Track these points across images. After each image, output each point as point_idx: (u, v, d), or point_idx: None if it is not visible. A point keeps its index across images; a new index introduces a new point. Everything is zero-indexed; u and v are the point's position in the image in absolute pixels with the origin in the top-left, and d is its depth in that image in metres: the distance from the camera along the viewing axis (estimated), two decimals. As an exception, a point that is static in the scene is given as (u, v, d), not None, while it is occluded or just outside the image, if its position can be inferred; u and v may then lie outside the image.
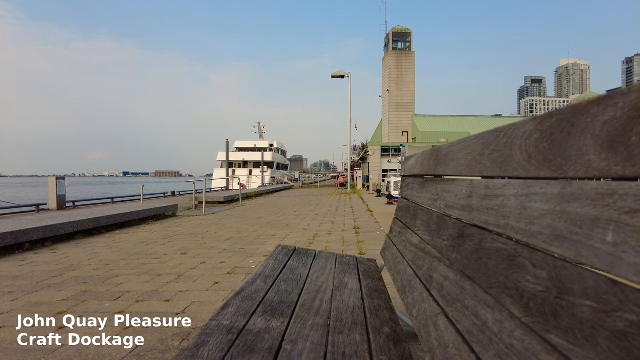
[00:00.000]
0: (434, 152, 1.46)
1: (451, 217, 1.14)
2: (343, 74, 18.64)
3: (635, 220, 0.42)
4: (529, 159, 0.68)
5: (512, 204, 0.73)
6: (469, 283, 0.87)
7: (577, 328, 0.49)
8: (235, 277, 3.48)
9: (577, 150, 0.53)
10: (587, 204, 0.50)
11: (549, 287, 0.57)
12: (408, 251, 1.52)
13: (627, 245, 0.42)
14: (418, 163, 1.75)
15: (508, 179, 0.77)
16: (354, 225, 6.83)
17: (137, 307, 2.66)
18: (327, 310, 1.27)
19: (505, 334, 0.65)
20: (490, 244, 0.81)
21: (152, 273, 3.68)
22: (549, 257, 0.59)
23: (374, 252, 4.32)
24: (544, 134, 0.63)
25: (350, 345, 1.01)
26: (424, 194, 1.52)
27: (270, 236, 5.86)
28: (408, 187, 1.97)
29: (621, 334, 0.42)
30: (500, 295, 0.72)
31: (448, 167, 1.24)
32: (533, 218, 0.64)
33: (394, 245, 1.84)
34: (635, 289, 0.41)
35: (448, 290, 0.98)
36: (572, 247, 0.52)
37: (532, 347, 0.57)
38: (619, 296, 0.43)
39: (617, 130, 0.46)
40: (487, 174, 0.89)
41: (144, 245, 5.25)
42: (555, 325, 0.54)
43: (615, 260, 0.44)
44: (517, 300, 0.65)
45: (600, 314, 0.46)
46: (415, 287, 1.25)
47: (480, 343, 0.72)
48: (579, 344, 0.48)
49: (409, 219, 1.72)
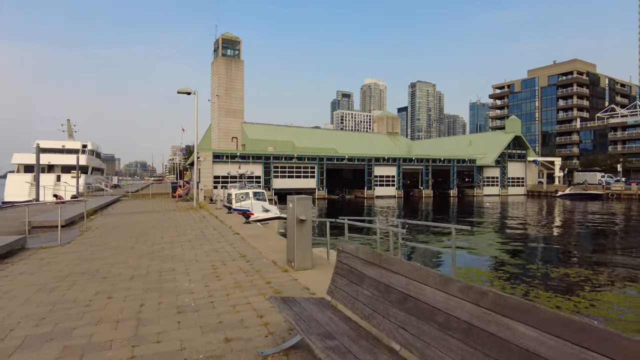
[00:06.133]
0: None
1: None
2: (189, 90, 18.94)
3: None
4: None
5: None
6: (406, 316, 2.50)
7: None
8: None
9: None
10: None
11: (401, 299, 2.22)
12: (362, 296, 3.09)
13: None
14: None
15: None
16: (238, 253, 7.99)
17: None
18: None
19: (413, 331, 2.29)
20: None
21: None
22: (409, 298, 2.24)
23: (279, 281, 5.73)
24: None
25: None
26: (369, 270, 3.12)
27: (171, 270, 6.61)
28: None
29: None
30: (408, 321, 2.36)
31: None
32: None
33: (342, 291, 3.37)
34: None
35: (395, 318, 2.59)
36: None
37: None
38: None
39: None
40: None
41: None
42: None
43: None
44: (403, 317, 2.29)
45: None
46: (375, 316, 2.83)
47: (406, 339, 2.34)
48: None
49: (354, 278, 3.29)
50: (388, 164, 57.32)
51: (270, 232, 11.86)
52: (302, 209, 6.09)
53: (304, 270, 6.20)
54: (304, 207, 6.12)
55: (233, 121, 67.52)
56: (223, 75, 67.23)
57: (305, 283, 5.57)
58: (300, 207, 6.08)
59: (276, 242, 9.36)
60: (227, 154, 48.50)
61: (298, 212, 6.06)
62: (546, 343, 1.67)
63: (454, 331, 2.11)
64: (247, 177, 30.91)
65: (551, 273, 13.45)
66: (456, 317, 2.12)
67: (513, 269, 14.28)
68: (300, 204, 6.10)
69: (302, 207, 6.10)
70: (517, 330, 1.79)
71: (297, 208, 6.06)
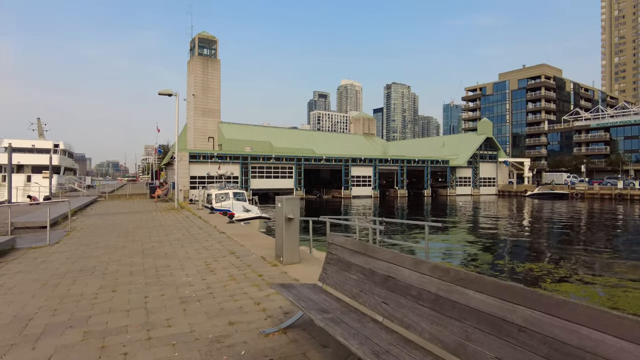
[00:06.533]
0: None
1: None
2: (171, 92, 19.14)
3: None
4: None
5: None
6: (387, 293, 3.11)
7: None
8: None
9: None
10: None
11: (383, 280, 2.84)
12: (351, 280, 3.69)
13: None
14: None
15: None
16: (227, 250, 8.48)
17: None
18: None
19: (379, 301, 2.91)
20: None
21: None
22: (391, 279, 2.86)
23: (270, 274, 6.28)
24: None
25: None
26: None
27: (166, 267, 7.05)
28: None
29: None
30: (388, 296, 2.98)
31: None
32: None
33: (333, 277, 3.96)
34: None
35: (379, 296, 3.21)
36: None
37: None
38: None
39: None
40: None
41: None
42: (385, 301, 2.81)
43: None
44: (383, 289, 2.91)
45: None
46: (362, 295, 3.44)
47: (387, 311, 2.96)
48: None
49: (343, 265, 3.88)
50: (364, 164, 58.39)
51: (255, 231, 12.35)
52: (290, 208, 6.66)
53: (292, 265, 6.77)
54: (292, 206, 6.69)
55: (209, 121, 67.12)
56: (199, 74, 66.78)
57: (294, 275, 6.14)
58: (288, 206, 6.65)
59: (262, 240, 9.88)
60: (203, 154, 48.40)
61: (286, 211, 6.63)
62: (488, 302, 2.31)
63: (425, 301, 2.73)
64: (226, 177, 31.10)
65: (517, 268, 14.45)
66: (426, 290, 2.75)
67: (483, 264, 15.25)
68: (289, 203, 6.67)
69: (290, 207, 6.67)
70: (470, 296, 2.43)
71: (286, 207, 6.62)
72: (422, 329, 2.66)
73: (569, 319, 1.94)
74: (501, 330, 2.21)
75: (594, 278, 12.90)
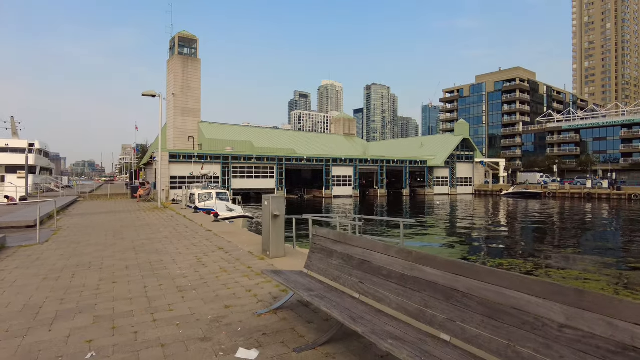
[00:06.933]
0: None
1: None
2: (154, 93, 19.39)
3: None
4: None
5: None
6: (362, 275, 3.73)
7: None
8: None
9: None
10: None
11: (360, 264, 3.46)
12: (332, 266, 4.29)
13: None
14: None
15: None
16: (216, 246, 8.97)
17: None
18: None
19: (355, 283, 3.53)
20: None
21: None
22: (365, 263, 3.48)
23: (258, 267, 6.82)
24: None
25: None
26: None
27: (159, 261, 7.50)
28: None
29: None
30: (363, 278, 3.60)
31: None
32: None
33: (317, 264, 4.55)
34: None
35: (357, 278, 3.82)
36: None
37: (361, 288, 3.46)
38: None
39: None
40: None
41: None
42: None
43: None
44: (359, 272, 3.53)
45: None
46: (342, 277, 4.04)
47: (363, 289, 3.57)
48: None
49: (326, 254, 4.48)
50: (345, 164, 59.25)
51: (240, 229, 12.84)
52: (276, 206, 7.23)
53: (278, 258, 7.34)
54: (278, 204, 7.26)
55: (189, 120, 66.72)
56: (179, 73, 66.32)
57: (281, 267, 6.70)
58: (274, 204, 7.22)
59: (248, 237, 10.40)
60: (184, 154, 48.34)
61: (273, 208, 7.19)
62: (441, 276, 2.94)
63: (393, 279, 3.35)
64: (209, 177, 31.34)
65: (487, 263, 15.36)
66: (394, 270, 3.37)
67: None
68: (275, 201, 7.24)
69: (276, 205, 7.24)
70: (427, 272, 3.06)
71: (272, 205, 7.19)
72: (391, 300, 3.28)
73: (498, 284, 2.58)
74: (450, 297, 2.85)
75: (557, 271, 13.89)
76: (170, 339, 3.85)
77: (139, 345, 3.73)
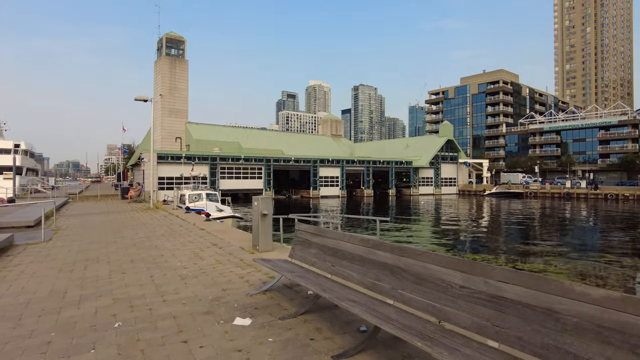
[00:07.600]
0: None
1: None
2: (146, 98, 20.16)
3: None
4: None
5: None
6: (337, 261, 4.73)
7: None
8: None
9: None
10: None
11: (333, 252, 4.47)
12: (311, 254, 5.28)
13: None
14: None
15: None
16: (210, 243, 9.89)
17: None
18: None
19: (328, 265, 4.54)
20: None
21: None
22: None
23: (249, 259, 7.78)
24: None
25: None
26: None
27: (160, 256, 8.41)
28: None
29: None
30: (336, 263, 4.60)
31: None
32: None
33: (299, 253, 5.53)
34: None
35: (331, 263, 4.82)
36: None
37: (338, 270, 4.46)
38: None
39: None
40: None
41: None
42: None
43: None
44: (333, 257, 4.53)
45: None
46: (318, 262, 5.04)
47: (334, 270, 4.58)
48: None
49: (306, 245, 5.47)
50: (332, 165, 60.35)
51: (231, 227, 13.76)
52: (265, 206, 8.20)
53: (267, 252, 8.30)
54: (267, 204, 8.24)
55: (177, 121, 67.08)
56: (167, 74, 66.65)
57: (269, 259, 7.66)
58: (263, 204, 8.19)
59: (239, 234, 11.33)
60: (171, 155, 48.84)
61: (262, 208, 8.16)
62: (389, 257, 3.95)
63: (356, 261, 4.35)
64: (198, 178, 32.10)
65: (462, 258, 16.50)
66: (357, 254, 4.37)
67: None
68: (264, 202, 8.21)
69: (265, 205, 8.21)
70: (379, 254, 4.07)
71: (261, 205, 8.16)
72: (353, 277, 4.28)
73: (424, 261, 3.60)
74: (394, 273, 3.86)
75: (524, 265, 15.11)
76: (180, 313, 4.80)
77: (155, 317, 4.67)
